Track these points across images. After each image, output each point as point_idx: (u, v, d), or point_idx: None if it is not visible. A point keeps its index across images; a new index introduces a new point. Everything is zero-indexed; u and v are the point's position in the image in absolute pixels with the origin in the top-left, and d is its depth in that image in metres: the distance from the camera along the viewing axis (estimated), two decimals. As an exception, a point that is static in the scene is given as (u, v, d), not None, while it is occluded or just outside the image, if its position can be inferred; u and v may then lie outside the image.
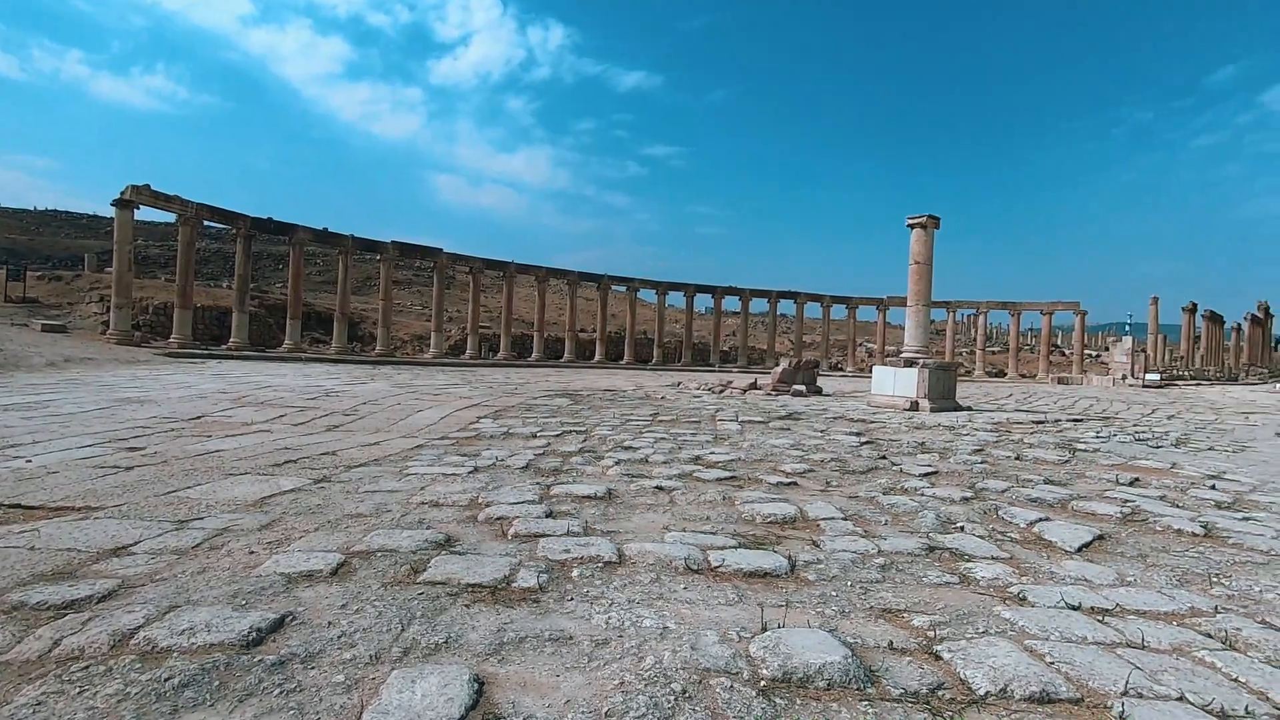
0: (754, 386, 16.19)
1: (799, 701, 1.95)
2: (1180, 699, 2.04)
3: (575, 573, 2.92)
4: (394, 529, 3.46)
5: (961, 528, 4.04)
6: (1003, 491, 5.18)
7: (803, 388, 16.00)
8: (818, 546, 3.50)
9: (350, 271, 26.54)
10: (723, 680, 2.03)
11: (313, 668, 2.00)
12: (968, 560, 3.40)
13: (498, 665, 2.08)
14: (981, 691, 2.05)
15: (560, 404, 10.93)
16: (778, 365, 17.53)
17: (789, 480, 5.23)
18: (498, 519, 3.74)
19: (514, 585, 2.73)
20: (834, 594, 2.84)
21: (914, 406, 12.64)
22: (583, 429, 7.80)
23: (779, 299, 36.93)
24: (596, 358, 32.46)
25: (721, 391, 15.45)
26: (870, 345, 42.34)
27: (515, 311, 34.79)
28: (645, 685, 1.97)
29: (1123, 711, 1.95)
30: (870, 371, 14.85)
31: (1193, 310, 39.58)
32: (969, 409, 13.32)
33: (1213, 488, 5.72)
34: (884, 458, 6.60)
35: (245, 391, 10.52)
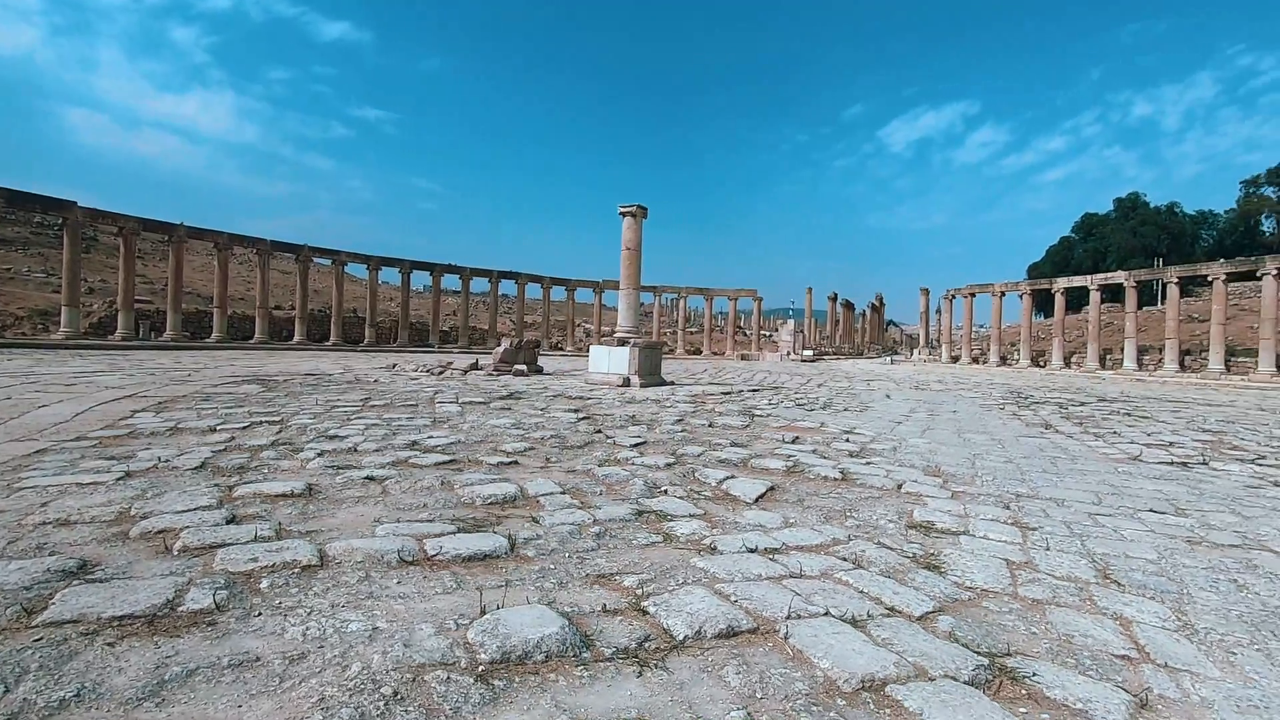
0: (475, 367, 15.92)
1: (518, 679, 1.96)
2: (826, 614, 2.50)
3: (265, 583, 2.55)
4: (-4, 561, 2.65)
5: (665, 491, 4.45)
6: (699, 455, 5.84)
7: (524, 367, 16.19)
8: (538, 522, 3.56)
9: (-77, 223, 19.69)
10: (439, 673, 1.94)
11: None
12: (670, 520, 3.76)
13: (156, 709, 1.72)
14: (681, 636, 2.27)
15: (249, 391, 9.50)
16: (499, 345, 17.46)
17: (510, 459, 5.24)
18: (159, 532, 3.09)
19: (181, 610, 2.28)
20: (553, 567, 2.91)
21: (626, 383, 13.61)
22: (278, 419, 6.88)
23: (500, 279, 36.77)
24: (296, 338, 28.92)
25: (441, 373, 14.90)
26: (588, 326, 44.52)
27: (189, 284, 29.36)
28: (350, 696, 1.80)
29: (787, 633, 2.32)
30: (588, 351, 15.60)
31: (835, 299, 49.08)
32: (672, 383, 14.77)
33: (847, 440, 7.16)
34: (599, 431, 6.98)
35: None
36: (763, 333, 45.92)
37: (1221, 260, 27.42)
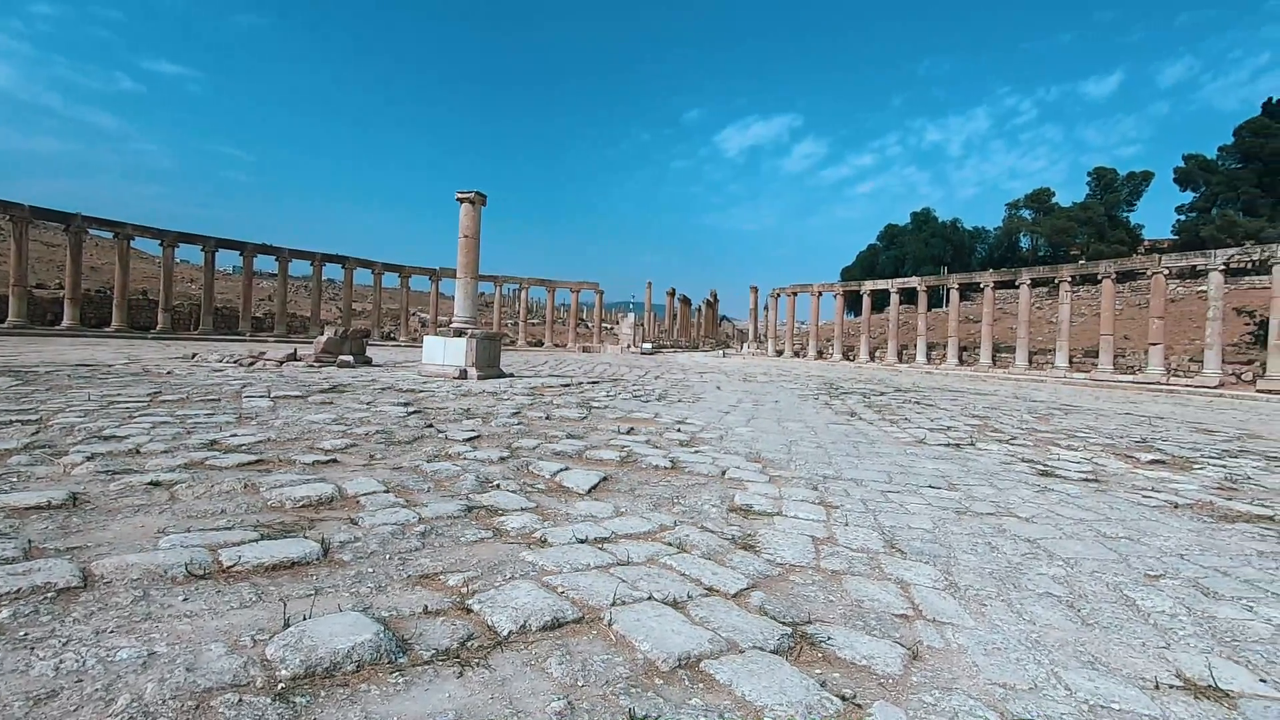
0: (293, 358, 14.59)
1: (324, 693, 1.82)
2: (650, 599, 2.59)
3: (5, 614, 2.15)
4: None
5: (498, 485, 4.36)
6: (534, 448, 5.79)
7: (350, 358, 15.11)
8: (356, 524, 3.33)
9: None
10: (228, 696, 1.75)
11: None
12: (501, 514, 3.69)
13: None
14: (505, 632, 2.24)
15: (-3, 385, 7.97)
16: (322, 334, 16.14)
17: (328, 458, 4.86)
18: None
19: (-120, 653, 1.86)
20: (371, 570, 2.74)
21: (463, 375, 13.17)
22: (35, 417, 5.83)
23: (325, 262, 33.92)
24: (66, 322, 24.71)
25: (252, 364, 13.48)
26: (424, 315, 42.49)
27: (-90, 254, 24.05)
28: (114, 734, 1.57)
29: (611, 619, 2.37)
30: (423, 341, 14.88)
31: (673, 294, 50.96)
32: (512, 376, 14.53)
33: (679, 430, 7.47)
34: (430, 426, 6.69)
35: None
36: (604, 325, 46.57)
37: (990, 270, 32.10)
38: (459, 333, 14.12)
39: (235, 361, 13.80)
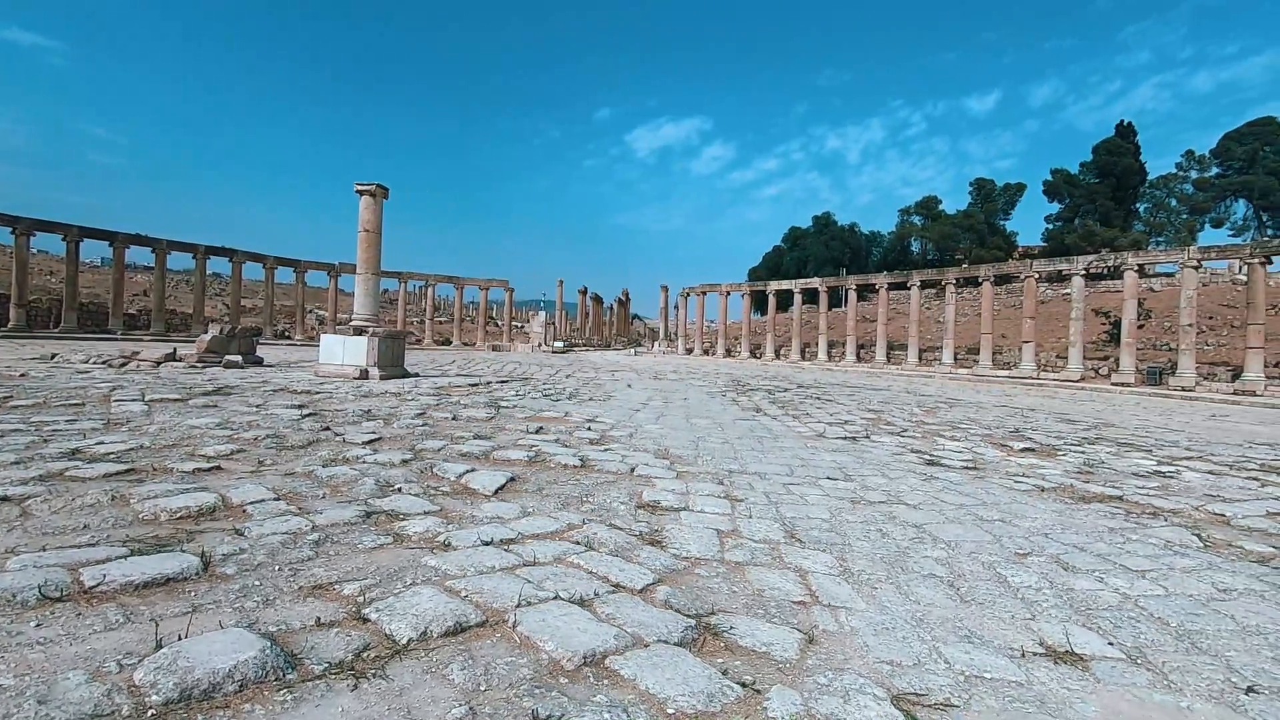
0: (172, 358, 13.49)
1: (201, 717, 1.70)
2: (556, 598, 2.58)
3: None
4: None
5: (399, 489, 4.20)
6: (439, 450, 5.63)
7: (239, 358, 14.14)
8: (242, 535, 3.12)
9: None
10: (88, 729, 1.60)
11: None
12: (402, 519, 3.56)
13: None
14: (404, 640, 2.17)
15: None
16: (206, 332, 15.01)
17: (211, 465, 4.52)
18: None
19: None
20: (257, 583, 2.58)
21: (364, 375, 12.62)
22: None
23: (210, 255, 31.57)
24: (-106, 320, 21.79)
25: (124, 365, 12.36)
26: (322, 313, 40.36)
27: None
28: (-54, 780, 1.40)
29: (515, 621, 2.34)
30: (321, 340, 14.12)
31: (585, 293, 50.86)
32: (417, 375, 14.04)
33: (589, 429, 7.46)
34: (327, 429, 6.37)
35: None
36: (515, 324, 45.84)
37: (885, 273, 34.03)
38: (360, 331, 13.50)
39: (104, 362, 12.60)
